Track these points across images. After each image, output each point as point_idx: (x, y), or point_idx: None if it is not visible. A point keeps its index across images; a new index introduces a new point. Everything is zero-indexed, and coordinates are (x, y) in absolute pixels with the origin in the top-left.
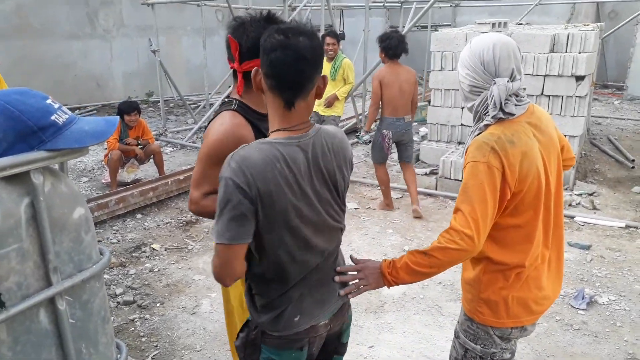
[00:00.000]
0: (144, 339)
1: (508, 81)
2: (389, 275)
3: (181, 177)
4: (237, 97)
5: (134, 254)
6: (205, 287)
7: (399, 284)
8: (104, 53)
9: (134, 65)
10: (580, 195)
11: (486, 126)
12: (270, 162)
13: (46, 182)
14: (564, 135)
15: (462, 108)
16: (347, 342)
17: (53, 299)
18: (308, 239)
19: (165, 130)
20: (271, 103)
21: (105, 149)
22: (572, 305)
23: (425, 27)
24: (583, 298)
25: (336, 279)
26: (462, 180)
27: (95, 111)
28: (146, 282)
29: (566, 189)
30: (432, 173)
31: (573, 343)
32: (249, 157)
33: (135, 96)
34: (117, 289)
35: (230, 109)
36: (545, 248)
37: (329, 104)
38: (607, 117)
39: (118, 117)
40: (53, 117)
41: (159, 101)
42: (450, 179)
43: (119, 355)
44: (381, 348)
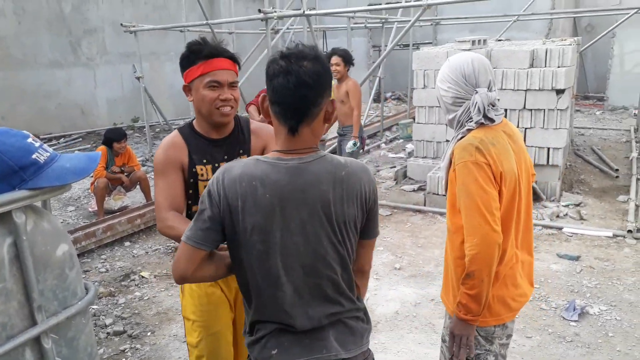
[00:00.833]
0: None
1: (487, 91)
2: (465, 316)
3: None
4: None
5: (123, 283)
6: None
7: (478, 316)
8: (88, 80)
9: (119, 92)
10: (567, 206)
11: (468, 130)
12: (244, 178)
13: (28, 221)
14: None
15: (447, 124)
16: None
17: (38, 337)
18: (278, 270)
19: (152, 155)
20: (276, 128)
21: (92, 177)
22: (563, 317)
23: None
24: (574, 309)
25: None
26: (445, 191)
27: (81, 139)
28: (136, 311)
29: (553, 200)
30: (420, 189)
31: (566, 355)
32: (230, 169)
33: (121, 122)
34: (107, 319)
35: (178, 128)
36: (517, 249)
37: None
38: (589, 128)
39: (99, 153)
40: (34, 156)
41: (144, 127)
42: (438, 194)
43: None
44: None
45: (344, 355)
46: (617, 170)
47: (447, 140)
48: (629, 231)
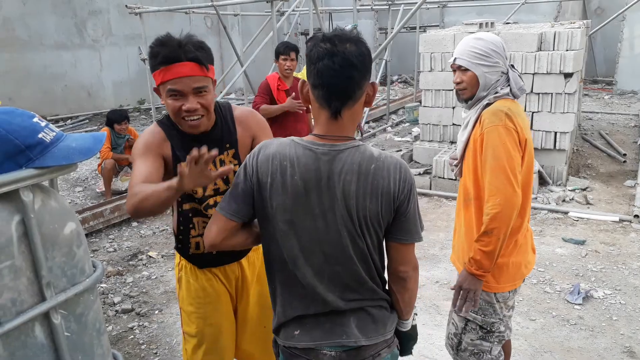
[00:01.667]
0: (143, 347)
1: None
2: (476, 271)
3: None
4: None
5: (130, 262)
6: None
7: (487, 272)
8: (94, 62)
9: (124, 74)
10: (573, 190)
11: (495, 98)
12: (277, 157)
13: (36, 199)
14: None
15: (454, 108)
16: None
17: (47, 313)
18: (297, 252)
19: None
20: (317, 114)
21: (99, 158)
22: (568, 301)
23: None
24: (579, 293)
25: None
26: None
27: (87, 120)
28: (144, 290)
29: (559, 184)
30: (426, 173)
31: (570, 338)
32: (267, 146)
33: (127, 104)
34: (115, 298)
35: (157, 121)
36: (527, 219)
37: None
38: (597, 112)
39: (105, 133)
40: (40, 135)
41: (150, 109)
42: (443, 178)
43: None
44: None
45: (364, 342)
46: (624, 155)
47: (454, 124)
48: (636, 216)
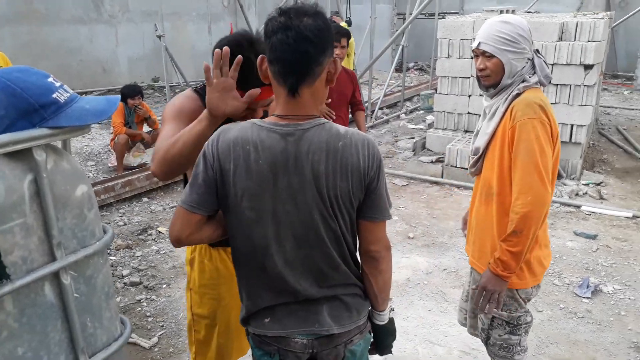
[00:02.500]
0: (150, 319)
1: None
2: (502, 272)
3: None
4: None
5: (140, 237)
6: None
7: (513, 273)
8: (110, 38)
9: (140, 51)
10: (587, 184)
11: (525, 87)
12: (238, 142)
13: (49, 159)
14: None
15: (469, 96)
16: None
17: (57, 273)
18: (267, 240)
19: None
20: (276, 92)
21: (112, 133)
22: (576, 294)
23: (433, 14)
24: (588, 287)
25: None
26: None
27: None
28: (152, 264)
29: (573, 178)
30: (438, 161)
31: (576, 331)
32: (226, 131)
33: (141, 81)
34: (124, 270)
35: (193, 88)
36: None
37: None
38: (616, 107)
39: (119, 96)
40: (54, 95)
41: (164, 87)
42: (456, 167)
43: (123, 330)
44: None
45: (336, 331)
46: None
47: (469, 113)
48: None
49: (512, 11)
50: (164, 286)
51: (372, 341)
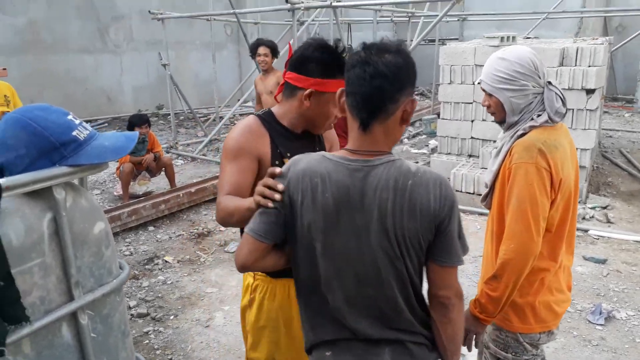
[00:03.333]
0: (158, 352)
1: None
2: (479, 314)
3: (192, 190)
4: (276, 106)
5: (146, 267)
6: (219, 300)
7: (492, 317)
8: (115, 67)
9: (144, 79)
10: (593, 208)
11: (531, 128)
12: (307, 174)
13: (68, 197)
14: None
15: (472, 121)
16: None
17: (75, 313)
18: (329, 273)
19: (176, 143)
20: (350, 124)
21: (117, 161)
22: (589, 321)
23: (433, 40)
24: (600, 313)
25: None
26: (489, 187)
27: (106, 124)
28: (159, 295)
29: (579, 201)
30: None
31: (592, 359)
32: (297, 163)
33: (145, 109)
34: (131, 302)
35: (255, 114)
36: (566, 254)
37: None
38: (618, 130)
39: (137, 133)
40: (74, 133)
41: (169, 114)
42: (461, 191)
43: None
44: None
45: None
46: None
47: (472, 137)
48: None
49: (512, 38)
50: (171, 317)
51: None
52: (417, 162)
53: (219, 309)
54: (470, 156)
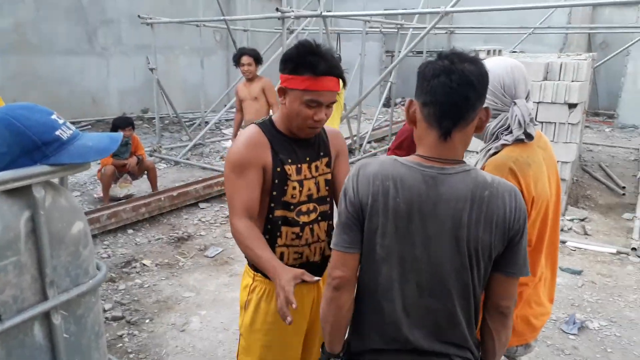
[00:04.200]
0: (132, 356)
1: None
2: None
3: (174, 194)
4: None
5: (124, 270)
6: (196, 304)
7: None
8: (101, 70)
9: (130, 83)
10: (572, 220)
11: (503, 146)
12: (378, 177)
13: (47, 196)
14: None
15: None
16: None
17: (48, 313)
18: (390, 281)
19: (160, 146)
20: (424, 134)
21: (99, 163)
22: (563, 330)
23: (421, 52)
24: (574, 323)
25: None
26: None
27: (90, 126)
28: (136, 298)
29: None
30: None
31: None
32: (366, 166)
33: (131, 112)
34: (106, 304)
35: (255, 123)
36: (546, 268)
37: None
38: (598, 145)
39: (121, 134)
40: (57, 133)
41: (154, 118)
42: None
43: None
44: None
45: None
46: (623, 187)
47: None
48: (633, 249)
49: (499, 51)
50: (147, 321)
51: None
52: None
53: (196, 313)
54: None
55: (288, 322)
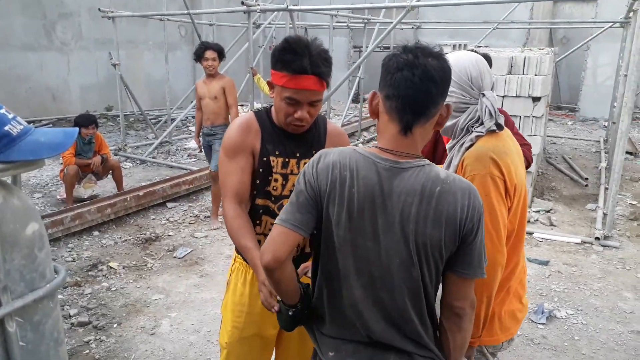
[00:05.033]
0: None
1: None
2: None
3: (140, 194)
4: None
5: (90, 273)
6: (165, 306)
7: (477, 338)
8: (61, 66)
9: (93, 79)
10: (538, 212)
11: (477, 137)
12: (337, 166)
13: None
14: None
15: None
16: None
17: (2, 320)
18: (347, 269)
19: (125, 145)
20: (385, 127)
21: (61, 163)
22: (532, 320)
23: (388, 47)
24: (542, 312)
25: None
26: None
27: (51, 124)
28: (102, 302)
29: None
30: None
31: (534, 357)
32: (327, 154)
33: (94, 110)
34: (72, 310)
35: (254, 111)
36: (523, 259)
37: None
38: (561, 137)
39: (77, 129)
40: (6, 128)
41: (118, 116)
42: None
43: None
44: None
45: None
46: (586, 179)
47: None
48: (597, 238)
49: (464, 45)
50: (114, 325)
51: None
52: None
53: (166, 315)
54: None
55: (275, 310)
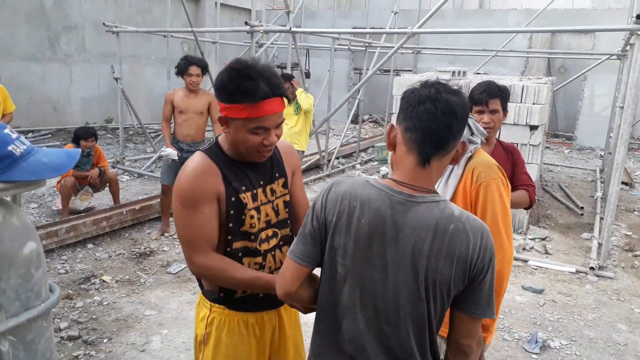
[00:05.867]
0: None
1: None
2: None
3: (137, 207)
4: (221, 135)
5: (82, 286)
6: (157, 323)
7: (490, 333)
8: (63, 77)
9: (94, 91)
10: (533, 239)
11: (475, 149)
12: (347, 196)
13: None
14: None
15: None
16: None
17: None
18: (350, 301)
19: (123, 158)
20: (402, 159)
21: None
22: (525, 349)
23: (388, 70)
24: (536, 342)
25: None
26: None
27: (50, 135)
28: (94, 316)
29: (520, 232)
30: None
31: None
32: (338, 184)
33: (94, 122)
34: (62, 323)
35: (201, 150)
36: None
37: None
38: (557, 165)
39: (79, 150)
40: (10, 148)
41: (117, 128)
42: None
43: None
44: None
45: None
46: (582, 208)
47: None
48: (591, 268)
49: (463, 72)
50: (105, 340)
51: None
52: None
53: (157, 332)
54: None
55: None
